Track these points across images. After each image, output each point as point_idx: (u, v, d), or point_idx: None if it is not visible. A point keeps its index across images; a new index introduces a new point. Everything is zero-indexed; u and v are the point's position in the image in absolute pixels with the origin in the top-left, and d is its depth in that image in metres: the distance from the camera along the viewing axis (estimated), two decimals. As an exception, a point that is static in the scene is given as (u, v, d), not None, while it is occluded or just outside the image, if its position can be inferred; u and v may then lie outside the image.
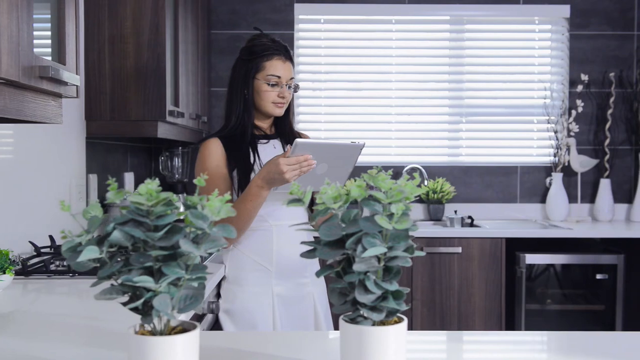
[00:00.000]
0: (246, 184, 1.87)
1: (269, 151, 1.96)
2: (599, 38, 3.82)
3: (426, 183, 3.75)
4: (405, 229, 0.88)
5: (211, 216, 0.85)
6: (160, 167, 3.46)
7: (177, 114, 2.72)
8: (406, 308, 0.92)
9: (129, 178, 3.07)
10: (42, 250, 2.02)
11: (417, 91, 3.89)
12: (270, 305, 1.91)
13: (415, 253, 0.91)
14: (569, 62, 3.83)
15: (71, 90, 1.52)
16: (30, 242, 2.01)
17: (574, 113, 3.73)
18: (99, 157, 2.72)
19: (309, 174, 1.75)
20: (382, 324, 0.94)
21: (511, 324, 3.32)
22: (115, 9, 2.55)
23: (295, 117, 3.82)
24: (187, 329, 0.90)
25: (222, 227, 0.86)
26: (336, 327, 2.08)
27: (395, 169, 3.75)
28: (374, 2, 3.79)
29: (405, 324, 0.94)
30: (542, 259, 3.30)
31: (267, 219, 1.92)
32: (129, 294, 0.87)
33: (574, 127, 3.73)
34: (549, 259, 3.32)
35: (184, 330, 0.90)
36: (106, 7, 2.55)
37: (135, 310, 0.86)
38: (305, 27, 3.85)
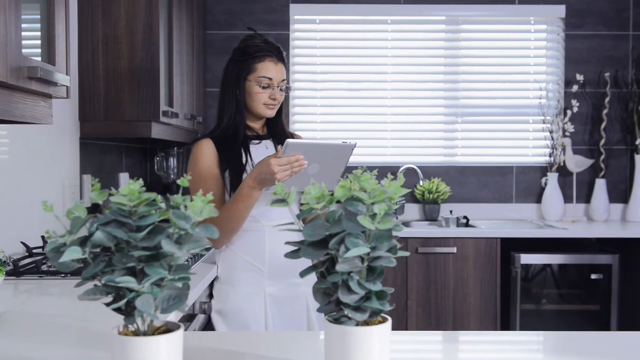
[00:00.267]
0: (238, 184, 1.87)
1: (261, 152, 1.95)
2: (594, 38, 3.82)
3: (422, 183, 3.75)
4: (389, 229, 0.88)
5: (194, 217, 0.85)
6: (156, 168, 3.46)
7: (171, 114, 2.72)
8: (390, 308, 0.92)
9: (124, 178, 3.07)
10: (34, 250, 2.02)
11: (412, 91, 3.89)
12: (262, 305, 1.91)
13: (398, 253, 0.91)
14: (565, 62, 3.83)
15: (61, 91, 1.52)
16: (22, 242, 2.01)
17: (569, 113, 3.73)
18: (93, 158, 2.72)
19: (301, 174, 1.75)
20: (366, 324, 0.94)
21: (506, 324, 3.32)
22: (108, 9, 2.55)
23: (291, 117, 3.82)
24: (171, 329, 0.90)
25: (204, 227, 0.86)
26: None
27: (391, 169, 3.75)
28: (369, 2, 3.79)
29: (389, 324, 0.94)
30: (538, 259, 3.31)
31: (260, 220, 1.92)
32: (112, 294, 0.87)
33: (570, 127, 3.74)
34: (544, 259, 3.32)
35: (167, 331, 0.90)
36: (100, 7, 2.55)
37: (118, 310, 0.86)
38: (301, 28, 3.85)
